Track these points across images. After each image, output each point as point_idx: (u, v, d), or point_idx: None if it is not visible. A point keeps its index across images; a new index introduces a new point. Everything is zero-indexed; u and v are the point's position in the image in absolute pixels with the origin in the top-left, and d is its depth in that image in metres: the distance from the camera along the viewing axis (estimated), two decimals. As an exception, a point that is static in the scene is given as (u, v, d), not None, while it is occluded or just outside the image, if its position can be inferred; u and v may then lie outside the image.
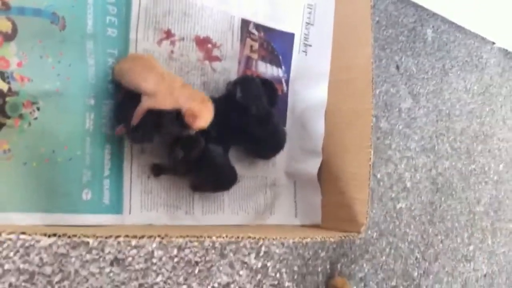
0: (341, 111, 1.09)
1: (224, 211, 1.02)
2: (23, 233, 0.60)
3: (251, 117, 0.99)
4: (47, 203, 0.79)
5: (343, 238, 1.01)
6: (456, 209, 1.69)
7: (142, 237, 0.71)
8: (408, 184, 1.51)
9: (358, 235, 1.00)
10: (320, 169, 1.11)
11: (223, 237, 0.81)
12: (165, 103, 0.82)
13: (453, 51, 1.73)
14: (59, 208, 0.80)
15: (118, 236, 0.69)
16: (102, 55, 0.85)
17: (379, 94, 1.44)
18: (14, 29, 0.75)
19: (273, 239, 0.90)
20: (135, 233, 0.73)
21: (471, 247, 1.75)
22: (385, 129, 1.45)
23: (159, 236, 0.73)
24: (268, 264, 1.13)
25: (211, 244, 1.03)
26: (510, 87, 2.03)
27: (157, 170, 0.93)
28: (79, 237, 0.64)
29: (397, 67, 1.51)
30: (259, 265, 1.11)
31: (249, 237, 0.85)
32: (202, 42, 1.00)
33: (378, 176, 1.43)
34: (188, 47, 0.98)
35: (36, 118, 0.78)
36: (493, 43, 1.92)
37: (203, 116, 0.86)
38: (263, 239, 0.86)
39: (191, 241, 0.98)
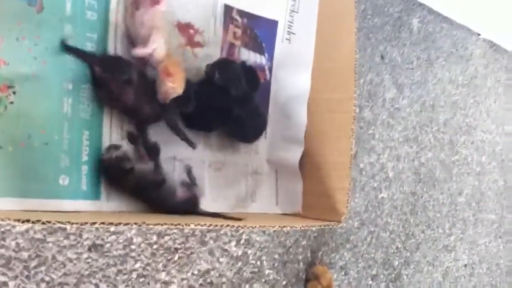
0: (323, 100, 1.09)
1: (205, 198, 1.01)
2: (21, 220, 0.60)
3: (231, 98, 0.98)
4: (23, 188, 0.78)
5: (323, 227, 1.02)
6: (438, 199, 1.70)
7: (119, 224, 0.70)
8: (391, 174, 1.52)
9: (339, 224, 1.01)
10: (301, 157, 1.11)
11: (202, 225, 0.81)
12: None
13: (439, 42, 1.73)
14: (36, 193, 0.79)
15: (94, 223, 0.68)
16: (81, 39, 0.84)
17: (363, 84, 1.44)
18: (-10, 11, 0.74)
19: (252, 227, 0.91)
20: (112, 219, 0.73)
21: (452, 238, 1.76)
22: (368, 118, 1.45)
23: (135, 223, 0.72)
24: (249, 251, 1.13)
25: (191, 232, 1.02)
26: (494, 79, 2.04)
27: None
28: (54, 223, 0.64)
29: (382, 57, 1.51)
30: (240, 252, 1.11)
31: (228, 225, 0.85)
32: (184, 28, 0.99)
33: (361, 165, 1.43)
34: (170, 32, 0.97)
35: (12, 102, 0.76)
36: (479, 34, 1.93)
37: (176, 75, 0.87)
38: (241, 227, 0.86)
39: (170, 229, 0.98)
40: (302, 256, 1.24)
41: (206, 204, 1.02)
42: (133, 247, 0.95)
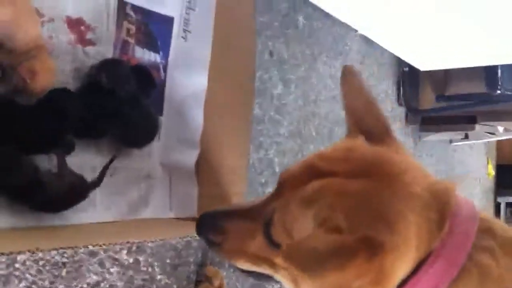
0: (221, 102, 1.06)
1: (96, 208, 0.95)
2: None
3: (119, 102, 0.92)
4: None
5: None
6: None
7: (11, 253, 0.63)
8: (277, 169, 1.54)
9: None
10: (197, 161, 1.08)
11: (101, 245, 0.75)
12: None
13: (322, 38, 1.78)
14: None
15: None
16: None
17: (253, 81, 1.43)
18: None
19: (152, 241, 0.87)
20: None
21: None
22: (257, 115, 1.45)
23: (29, 251, 0.65)
24: (140, 258, 1.08)
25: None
26: (369, 73, 2.15)
27: None
28: None
29: (271, 53, 1.51)
30: (131, 260, 1.06)
31: (128, 242, 0.80)
32: (74, 24, 0.90)
33: (250, 161, 1.43)
34: (58, 28, 0.87)
35: None
36: (356, 30, 2.01)
37: (44, 73, 0.79)
38: (140, 242, 0.82)
39: (65, 253, 0.90)
40: (193, 258, 1.22)
41: (98, 213, 0.96)
42: (17, 265, 0.85)
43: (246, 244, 0.69)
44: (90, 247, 0.95)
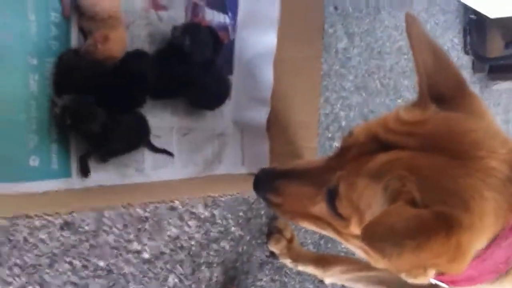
0: (290, 58, 1.07)
1: (175, 165, 0.99)
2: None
3: (194, 65, 0.94)
4: (-7, 172, 0.72)
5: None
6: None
7: (108, 207, 0.67)
8: (343, 124, 1.54)
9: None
10: (268, 117, 1.10)
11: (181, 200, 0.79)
12: None
13: (386, -12, 1.73)
14: (5, 177, 0.74)
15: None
16: (43, 8, 0.76)
17: (319, 36, 1.42)
18: None
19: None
20: (95, 200, 0.70)
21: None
22: (323, 70, 1.44)
23: (122, 206, 0.70)
24: (215, 212, 1.13)
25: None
26: (434, 22, 2.08)
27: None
28: (45, 218, 0.60)
29: (335, 7, 1.49)
30: (207, 214, 1.11)
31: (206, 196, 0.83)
32: (148, -12, 0.92)
33: (317, 117, 1.44)
34: (132, -6, 0.90)
35: (-24, 83, 0.69)
36: (421, -21, 1.94)
37: (116, 41, 0.82)
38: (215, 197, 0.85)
39: (147, 208, 0.95)
40: (264, 211, 1.26)
41: (176, 170, 1.00)
42: (104, 220, 0.92)
43: (307, 207, 0.68)
44: (170, 203, 1.00)
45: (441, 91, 0.64)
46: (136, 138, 0.92)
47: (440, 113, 0.62)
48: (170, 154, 0.98)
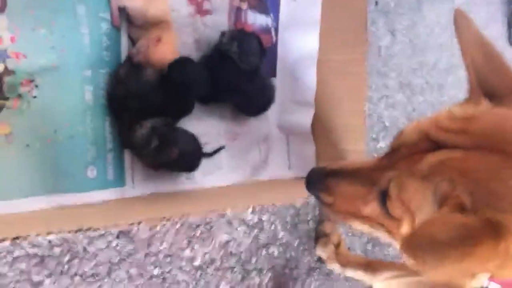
0: (333, 61, 1.06)
1: (222, 171, 1.00)
2: (49, 233, 0.57)
3: (240, 73, 0.94)
4: (52, 184, 0.74)
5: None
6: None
7: (165, 219, 0.68)
8: (387, 123, 1.52)
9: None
10: (313, 121, 1.09)
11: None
12: None
13: (427, -17, 1.70)
14: (64, 188, 0.75)
15: (140, 222, 0.66)
16: (94, 20, 0.77)
17: (360, 34, 1.40)
18: (3, 0, 0.67)
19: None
20: (154, 212, 0.71)
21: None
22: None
23: (179, 218, 0.70)
24: (263, 218, 1.13)
25: (210, 205, 1.01)
26: (474, 14, 2.03)
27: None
28: (103, 230, 0.61)
29: (376, 3, 1.47)
30: (255, 219, 1.11)
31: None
32: (192, -5, 0.93)
33: (360, 117, 1.42)
34: (178, 1, 0.90)
35: (35, 97, 0.71)
36: (461, -29, 1.90)
37: (167, 44, 0.84)
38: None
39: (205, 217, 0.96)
40: (311, 215, 1.25)
41: (224, 176, 1.00)
42: (158, 228, 0.93)
43: (358, 207, 0.67)
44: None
45: (493, 88, 0.61)
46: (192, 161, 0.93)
47: (493, 108, 0.60)
48: (222, 148, 0.98)
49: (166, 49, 0.85)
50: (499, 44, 2.17)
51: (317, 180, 0.73)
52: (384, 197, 0.62)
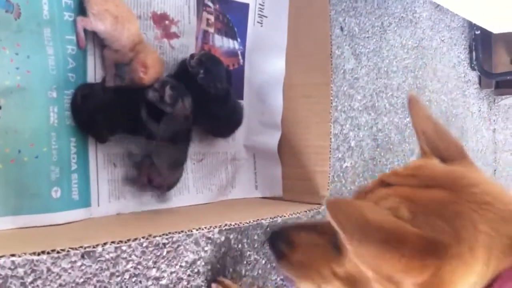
0: (299, 84, 1.09)
1: (190, 191, 1.01)
2: (13, 255, 0.57)
3: (209, 97, 0.95)
4: (16, 205, 0.74)
5: (308, 211, 1.04)
6: (393, 162, 1.77)
7: (128, 240, 0.69)
8: (352, 143, 1.56)
9: (320, 207, 1.04)
10: (280, 142, 1.12)
11: (204, 228, 0.81)
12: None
13: (391, 8, 1.76)
14: (29, 209, 0.75)
15: (105, 244, 0.67)
16: (60, 42, 0.79)
17: (326, 58, 1.44)
18: (-32, 22, 0.68)
19: (248, 222, 0.91)
20: (120, 234, 0.71)
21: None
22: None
23: (143, 237, 0.71)
24: (231, 236, 1.14)
25: (177, 225, 1.02)
26: (439, 39, 2.10)
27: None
28: (68, 251, 0.62)
29: (341, 29, 1.52)
30: (222, 238, 1.12)
31: (228, 224, 0.85)
32: (159, 19, 0.95)
33: (326, 138, 1.45)
34: (145, 25, 0.93)
35: (-2, 118, 0.72)
36: (424, -3, 1.97)
37: (154, 65, 0.86)
38: (238, 224, 0.87)
39: (172, 237, 0.97)
40: (278, 234, 1.27)
41: (192, 196, 1.02)
42: (124, 248, 0.93)
43: (312, 258, 0.68)
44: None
45: (442, 153, 0.65)
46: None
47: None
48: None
49: (153, 72, 0.87)
50: (462, 69, 2.25)
51: (279, 236, 0.74)
52: (335, 237, 0.61)
